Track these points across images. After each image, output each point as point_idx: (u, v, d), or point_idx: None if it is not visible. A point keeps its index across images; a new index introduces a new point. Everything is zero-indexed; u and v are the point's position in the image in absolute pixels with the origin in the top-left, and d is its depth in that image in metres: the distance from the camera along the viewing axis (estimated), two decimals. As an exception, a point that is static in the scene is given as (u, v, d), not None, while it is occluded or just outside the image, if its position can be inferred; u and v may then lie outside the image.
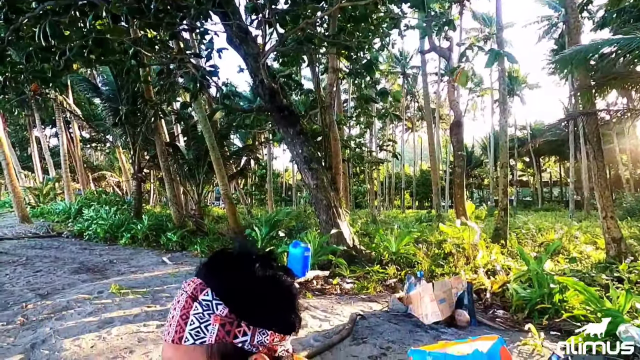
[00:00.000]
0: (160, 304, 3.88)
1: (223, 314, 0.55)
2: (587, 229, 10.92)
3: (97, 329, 3.11)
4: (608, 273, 5.38)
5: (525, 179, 35.52)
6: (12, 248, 7.69)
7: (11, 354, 2.66)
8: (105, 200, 13.79)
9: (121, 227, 9.26)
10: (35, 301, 3.99)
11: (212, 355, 0.54)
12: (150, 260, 6.65)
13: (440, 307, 3.37)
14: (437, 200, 13.01)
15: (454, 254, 6.22)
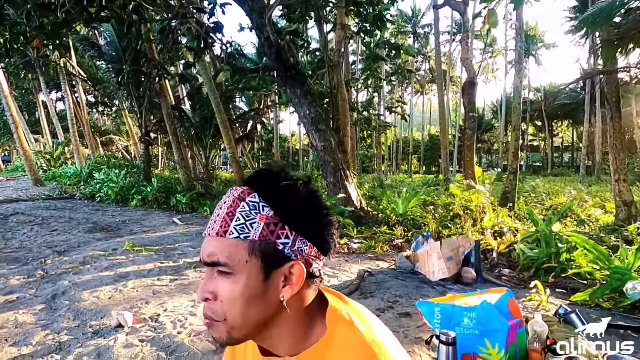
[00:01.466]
0: (173, 260, 3.99)
1: (269, 215, 0.56)
2: (596, 194, 10.83)
3: (113, 283, 3.23)
4: (617, 235, 5.37)
5: (536, 144, 34.88)
6: (27, 209, 7.89)
7: (34, 304, 2.79)
8: (115, 164, 13.94)
9: (132, 190, 9.42)
10: (53, 257, 4.14)
11: (254, 252, 0.56)
12: (161, 221, 6.80)
13: (447, 264, 3.41)
14: (445, 165, 12.88)
15: (461, 216, 6.23)
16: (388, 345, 0.58)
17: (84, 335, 2.28)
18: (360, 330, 0.59)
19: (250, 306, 0.56)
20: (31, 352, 2.10)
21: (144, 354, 2.02)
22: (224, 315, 0.57)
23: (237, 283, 0.56)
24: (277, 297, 0.58)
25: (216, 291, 0.57)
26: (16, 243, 4.96)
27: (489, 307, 1.80)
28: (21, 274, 3.54)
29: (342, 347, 0.58)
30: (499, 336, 1.74)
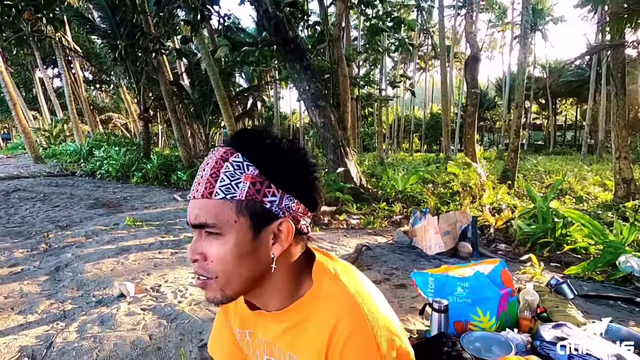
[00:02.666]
0: (174, 234, 4.05)
1: (254, 173, 0.56)
2: (597, 172, 10.82)
3: (115, 255, 3.29)
4: (614, 212, 5.41)
5: (538, 122, 34.54)
6: (29, 185, 7.93)
7: (38, 275, 2.85)
8: (115, 142, 13.89)
9: (132, 167, 9.44)
10: (55, 231, 4.20)
11: (241, 211, 0.56)
12: (162, 197, 6.84)
13: (444, 239, 3.46)
14: (446, 143, 12.81)
15: (460, 193, 6.25)
16: (372, 297, 0.60)
17: (87, 304, 2.35)
18: (345, 282, 0.61)
19: (241, 264, 0.57)
20: (37, 319, 2.17)
21: (145, 321, 2.08)
22: (215, 273, 0.58)
23: (226, 243, 0.57)
24: (266, 254, 0.59)
25: (205, 252, 0.58)
26: (18, 218, 5.01)
27: (482, 277, 1.84)
28: (24, 247, 3.60)
29: (327, 298, 0.59)
30: (491, 304, 1.78)
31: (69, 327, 2.04)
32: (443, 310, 1.67)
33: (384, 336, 0.55)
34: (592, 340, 1.55)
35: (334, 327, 0.56)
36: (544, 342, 1.57)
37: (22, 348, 1.84)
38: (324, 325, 0.57)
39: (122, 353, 1.78)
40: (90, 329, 2.01)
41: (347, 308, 0.57)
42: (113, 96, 26.74)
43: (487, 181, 6.53)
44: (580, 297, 2.50)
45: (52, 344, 1.87)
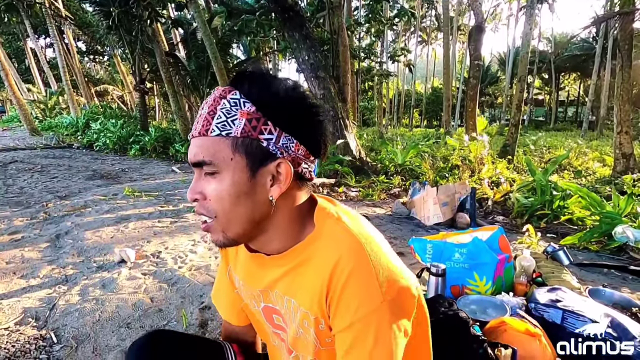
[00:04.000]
0: (173, 204, 4.06)
1: (250, 110, 0.55)
2: (597, 148, 10.80)
3: (114, 224, 3.30)
4: (612, 186, 5.43)
5: (540, 98, 34.13)
6: (26, 157, 7.89)
7: (39, 242, 2.87)
8: (111, 114, 13.72)
9: (129, 139, 9.36)
10: (54, 201, 4.20)
11: (237, 148, 0.55)
12: (160, 170, 6.82)
13: (442, 209, 3.47)
14: (446, 117, 12.67)
15: (459, 167, 6.24)
16: (375, 238, 0.59)
17: (88, 269, 2.37)
18: (347, 224, 0.60)
19: (239, 204, 0.56)
20: (39, 283, 2.19)
21: (146, 285, 2.11)
22: (214, 212, 0.57)
23: (223, 181, 0.56)
24: (265, 196, 0.58)
25: (204, 191, 0.57)
26: (17, 189, 5.00)
27: (480, 243, 1.85)
28: (24, 215, 3.61)
29: (329, 239, 0.59)
30: (487, 269, 1.80)
31: (71, 290, 2.07)
32: (440, 274, 1.69)
33: (386, 276, 0.55)
34: (585, 303, 1.58)
35: (335, 265, 0.55)
36: (539, 305, 1.60)
37: (26, 309, 1.87)
38: (325, 265, 0.56)
39: (124, 314, 1.81)
40: (92, 292, 2.04)
41: (349, 247, 0.56)
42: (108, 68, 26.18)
43: (487, 156, 6.50)
44: (575, 265, 2.54)
45: (54, 306, 1.91)
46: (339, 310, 0.55)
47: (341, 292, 0.54)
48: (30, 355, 1.54)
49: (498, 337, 1.38)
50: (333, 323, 0.57)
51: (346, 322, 0.54)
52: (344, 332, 0.55)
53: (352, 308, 0.54)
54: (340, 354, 0.56)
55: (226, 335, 0.91)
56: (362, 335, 0.53)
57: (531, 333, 1.37)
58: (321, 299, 0.57)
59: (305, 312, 0.60)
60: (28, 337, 1.66)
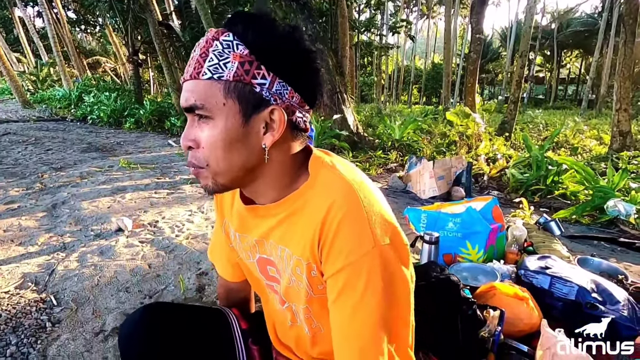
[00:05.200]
0: (169, 176, 4.05)
1: (243, 53, 0.53)
2: (595, 126, 10.78)
3: (111, 194, 3.30)
4: (608, 163, 5.46)
5: (541, 75, 33.71)
6: (19, 129, 7.77)
7: (35, 212, 2.88)
8: (105, 87, 13.44)
9: (124, 112, 9.22)
10: (50, 172, 4.18)
11: (229, 93, 0.54)
12: (156, 143, 6.77)
13: (438, 183, 3.49)
14: (446, 94, 12.51)
15: (457, 143, 6.24)
16: (369, 186, 0.60)
17: (86, 237, 2.39)
18: (341, 171, 0.60)
19: (231, 151, 0.56)
20: (37, 250, 2.22)
21: (144, 252, 2.14)
22: (206, 161, 0.57)
23: (216, 127, 0.55)
24: (258, 144, 0.57)
25: (197, 138, 0.57)
26: (11, 160, 4.96)
27: (474, 212, 1.88)
28: (20, 186, 3.59)
29: (323, 186, 0.59)
30: (480, 238, 1.83)
31: (69, 257, 2.10)
32: (434, 242, 1.72)
33: (378, 222, 0.55)
34: (573, 270, 1.62)
35: (327, 210, 0.56)
36: (528, 271, 1.64)
37: (25, 274, 1.90)
38: (318, 210, 0.57)
39: (122, 279, 1.84)
40: (91, 259, 2.06)
41: (342, 192, 0.56)
42: (100, 39, 25.38)
43: (484, 132, 6.48)
44: (566, 237, 2.59)
45: (53, 271, 1.93)
46: (330, 255, 0.56)
47: (333, 236, 0.55)
48: (31, 316, 1.57)
49: (487, 300, 1.43)
50: (325, 268, 0.58)
51: (337, 267, 0.55)
52: (335, 277, 0.56)
53: (344, 252, 0.54)
54: (331, 299, 0.57)
55: (222, 296, 0.92)
56: (353, 280, 0.54)
57: (519, 297, 1.42)
58: (313, 244, 0.58)
59: (298, 259, 0.61)
60: (28, 300, 1.69)
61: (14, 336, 1.44)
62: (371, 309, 0.54)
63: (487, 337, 1.23)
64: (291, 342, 0.76)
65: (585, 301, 1.45)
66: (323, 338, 0.69)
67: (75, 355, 1.34)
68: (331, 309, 0.57)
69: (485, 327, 1.24)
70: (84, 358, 1.33)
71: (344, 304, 0.55)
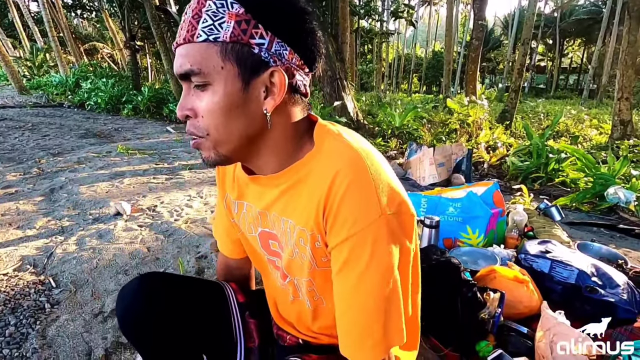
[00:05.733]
0: (168, 162, 4.02)
1: (239, 12, 0.50)
2: (595, 116, 10.73)
3: (109, 179, 3.28)
4: (608, 151, 5.44)
5: (543, 64, 33.43)
6: (15, 115, 7.70)
7: (33, 196, 2.86)
8: (102, 73, 13.28)
9: (122, 99, 9.14)
10: (47, 158, 4.14)
11: (227, 55, 0.51)
12: (154, 129, 6.72)
13: (438, 170, 3.48)
14: (446, 82, 12.40)
15: (457, 131, 6.20)
16: (376, 155, 0.58)
17: (84, 221, 2.38)
18: (348, 140, 0.58)
19: (231, 118, 0.53)
20: (35, 233, 2.21)
21: (143, 236, 2.13)
22: (206, 130, 0.54)
23: (214, 94, 0.52)
24: (259, 110, 0.55)
25: (195, 107, 0.54)
26: (8, 146, 4.92)
27: (474, 197, 1.87)
28: (17, 171, 3.57)
29: (328, 155, 0.56)
30: (480, 222, 1.83)
31: (67, 240, 2.09)
32: (434, 226, 1.71)
33: (385, 190, 0.53)
34: (573, 254, 1.62)
35: (333, 178, 0.54)
36: (528, 255, 1.64)
37: (24, 257, 1.89)
38: (323, 179, 0.55)
39: (121, 262, 1.84)
40: (89, 242, 2.05)
41: (348, 160, 0.54)
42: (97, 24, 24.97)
43: (485, 120, 6.44)
44: (566, 224, 2.59)
45: (52, 254, 1.92)
46: (335, 224, 0.54)
47: (339, 205, 0.53)
48: (30, 298, 1.57)
49: (487, 283, 1.42)
50: (329, 239, 0.56)
51: (342, 236, 0.53)
52: (339, 247, 0.54)
53: (349, 221, 0.52)
54: (335, 270, 0.56)
55: (221, 273, 0.91)
56: (358, 250, 0.52)
57: (520, 280, 1.41)
58: (318, 213, 0.56)
59: (302, 229, 0.59)
60: (27, 282, 1.68)
61: (13, 317, 1.44)
62: (376, 280, 0.53)
63: (487, 319, 1.23)
64: (292, 318, 0.75)
65: (585, 285, 1.45)
66: (325, 312, 0.68)
67: (75, 335, 1.34)
68: (335, 281, 0.56)
69: (485, 309, 1.24)
70: (84, 338, 1.33)
71: (348, 275, 0.54)
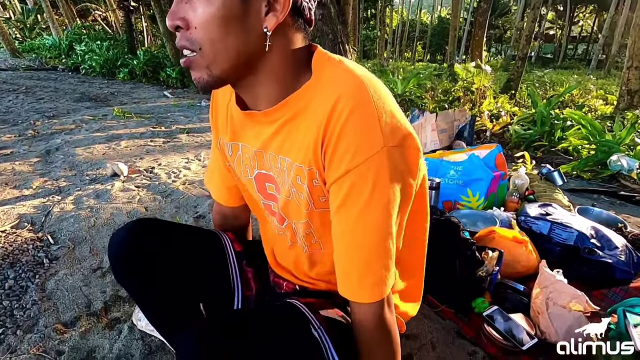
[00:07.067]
0: (165, 126, 3.96)
1: None
2: (602, 86, 10.49)
3: (106, 142, 3.23)
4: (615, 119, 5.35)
5: (551, 33, 32.35)
6: (9, 78, 7.51)
7: (29, 157, 2.83)
8: (96, 36, 12.85)
9: (117, 62, 8.88)
10: (42, 120, 4.07)
11: None
12: (151, 94, 6.57)
13: (440, 136, 3.42)
14: (451, 49, 12.01)
15: (460, 98, 6.07)
16: (379, 84, 0.53)
17: (81, 181, 2.36)
18: (350, 67, 0.53)
19: (228, 32, 0.48)
20: (32, 193, 2.19)
21: (140, 196, 2.12)
22: (199, 44, 0.49)
23: (210, 3, 0.46)
24: (259, 26, 0.49)
25: (188, 17, 0.48)
26: (2, 108, 4.82)
27: (476, 159, 1.83)
28: (12, 132, 3.51)
29: (328, 82, 0.52)
30: (481, 185, 1.81)
31: (65, 199, 2.07)
32: (434, 187, 1.69)
33: (389, 120, 0.49)
34: (574, 217, 1.60)
35: (333, 106, 0.49)
36: (528, 217, 1.62)
37: (21, 215, 1.88)
38: (322, 108, 0.51)
39: (119, 221, 1.83)
40: (86, 202, 2.04)
41: (349, 86, 0.50)
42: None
43: (489, 89, 6.29)
44: (566, 190, 2.57)
45: (49, 213, 1.92)
46: (335, 157, 0.50)
47: (339, 134, 0.49)
48: (29, 253, 1.57)
49: (487, 243, 1.42)
50: (328, 174, 0.53)
51: (342, 170, 0.50)
52: (339, 182, 0.51)
53: (350, 153, 0.49)
54: (333, 208, 0.53)
55: (217, 222, 0.89)
56: (359, 184, 0.49)
57: (518, 240, 1.41)
58: (317, 146, 0.52)
59: (299, 166, 0.56)
60: (25, 238, 1.68)
61: (12, 271, 1.44)
62: (378, 216, 0.50)
63: (484, 277, 1.24)
64: (290, 264, 0.74)
65: (584, 246, 1.45)
66: (323, 258, 0.66)
67: (74, 289, 1.35)
68: (334, 219, 0.54)
69: (482, 267, 1.24)
70: (83, 292, 1.34)
71: (348, 211, 0.51)
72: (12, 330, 1.15)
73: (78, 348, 1.09)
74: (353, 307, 0.56)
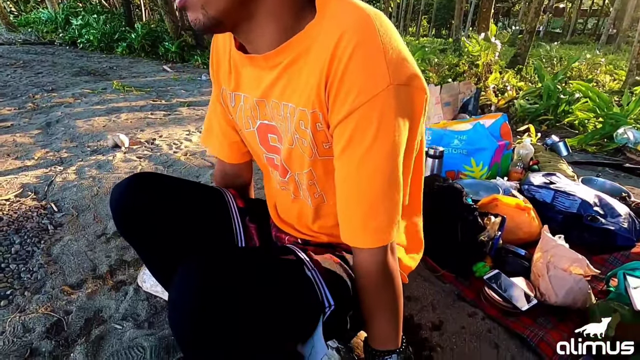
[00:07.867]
0: (166, 99, 3.91)
1: None
2: (611, 62, 10.24)
3: (106, 114, 3.20)
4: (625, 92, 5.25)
5: (562, 6, 31.32)
6: (5, 52, 7.38)
7: (30, 129, 2.81)
8: (92, 9, 12.53)
9: (114, 36, 8.69)
10: (41, 93, 4.03)
11: None
12: (150, 68, 6.46)
13: (444, 109, 3.37)
14: (457, 23, 11.67)
15: (465, 73, 5.95)
16: (385, 18, 0.51)
17: (82, 152, 2.36)
18: (355, 1, 0.50)
19: None
20: (34, 164, 2.19)
21: (142, 167, 2.11)
22: None
23: None
24: None
25: None
26: (0, 82, 4.76)
27: (481, 128, 1.81)
28: (11, 105, 3.48)
29: (332, 18, 0.49)
30: (485, 155, 1.79)
31: (67, 170, 2.07)
32: (438, 156, 1.68)
33: (395, 57, 0.47)
34: (577, 186, 1.59)
35: (337, 41, 0.47)
36: (532, 186, 1.62)
37: (24, 185, 1.89)
38: (325, 46, 0.48)
39: (122, 190, 1.83)
40: (89, 172, 2.04)
41: (354, 21, 0.47)
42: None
43: (495, 64, 6.15)
44: (571, 163, 2.55)
45: (52, 182, 1.92)
46: (339, 96, 0.49)
47: (343, 72, 0.47)
48: (33, 220, 1.58)
49: (489, 210, 1.41)
50: (331, 116, 0.51)
51: (346, 110, 0.48)
52: (343, 123, 0.49)
53: (354, 92, 0.47)
54: (337, 152, 0.52)
55: (220, 181, 0.88)
56: (363, 124, 0.48)
57: (521, 207, 1.40)
58: (320, 85, 0.50)
59: (302, 110, 0.54)
60: (29, 206, 1.69)
61: (17, 237, 1.46)
62: (383, 157, 0.49)
63: (486, 241, 1.24)
64: (293, 218, 0.73)
65: (587, 214, 1.45)
66: (326, 211, 0.66)
67: (79, 253, 1.37)
68: (338, 163, 0.52)
69: (484, 232, 1.24)
70: (88, 256, 1.36)
71: (352, 153, 0.50)
72: (20, 291, 1.17)
73: (85, 308, 1.11)
74: (356, 254, 0.55)
